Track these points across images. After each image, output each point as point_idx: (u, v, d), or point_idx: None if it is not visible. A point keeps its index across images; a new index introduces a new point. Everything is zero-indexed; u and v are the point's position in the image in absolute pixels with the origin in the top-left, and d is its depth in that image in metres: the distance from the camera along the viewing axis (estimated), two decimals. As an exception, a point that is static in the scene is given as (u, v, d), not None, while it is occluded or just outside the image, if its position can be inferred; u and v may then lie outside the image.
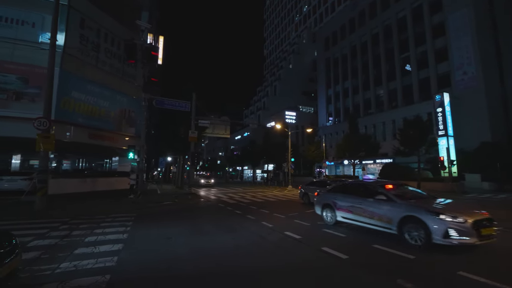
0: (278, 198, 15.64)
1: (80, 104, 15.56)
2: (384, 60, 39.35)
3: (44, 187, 9.43)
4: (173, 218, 8.76)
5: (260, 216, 9.08)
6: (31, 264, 4.03)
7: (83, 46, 15.88)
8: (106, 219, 8.10)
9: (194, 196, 15.57)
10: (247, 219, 8.58)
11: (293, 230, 6.63)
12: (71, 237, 5.77)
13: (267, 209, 10.81)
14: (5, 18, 14.28)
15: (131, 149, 11.98)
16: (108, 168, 26.66)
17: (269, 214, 9.45)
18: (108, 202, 12.12)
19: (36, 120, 9.30)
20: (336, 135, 45.93)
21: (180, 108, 14.48)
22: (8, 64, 13.58)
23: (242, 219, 8.52)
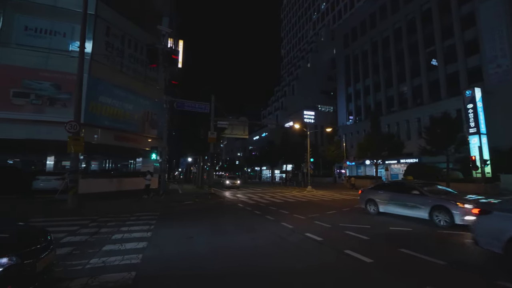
0: (298, 199, 15.46)
1: (107, 107, 16.38)
2: (407, 55, 37.65)
3: (75, 187, 10.01)
4: (194, 217, 8.95)
5: (279, 216, 9.02)
6: (65, 259, 4.29)
7: (108, 52, 16.70)
8: (131, 217, 8.44)
9: (214, 196, 15.80)
10: (266, 219, 8.56)
11: (313, 232, 6.51)
12: (100, 234, 6.07)
13: (286, 210, 10.72)
14: (39, 29, 15.38)
15: (153, 150, 12.44)
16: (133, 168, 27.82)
17: (289, 215, 9.36)
18: (133, 201, 12.63)
19: (67, 123, 9.91)
20: (357, 134, 44.61)
21: (200, 110, 14.79)
22: (43, 72, 14.61)
23: (261, 220, 8.51)
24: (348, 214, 9.92)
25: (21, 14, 15.27)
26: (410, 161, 33.50)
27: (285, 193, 20.01)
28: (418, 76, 35.93)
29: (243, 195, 18.51)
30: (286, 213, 9.89)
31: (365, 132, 43.22)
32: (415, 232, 6.78)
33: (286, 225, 7.50)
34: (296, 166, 48.50)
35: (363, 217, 8.99)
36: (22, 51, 14.57)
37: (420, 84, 35.74)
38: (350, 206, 11.93)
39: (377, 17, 43.62)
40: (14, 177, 13.96)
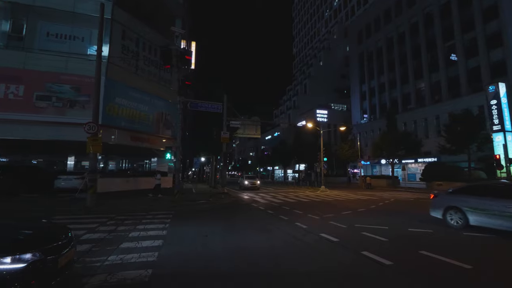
0: (311, 199, 15.27)
1: (123, 109, 16.82)
2: (425, 50, 36.36)
3: (94, 186, 10.34)
4: (208, 216, 9.02)
5: (293, 216, 8.93)
6: (84, 255, 4.42)
7: (124, 55, 17.15)
8: (147, 216, 8.62)
9: (227, 196, 15.89)
10: (280, 219, 8.49)
11: (329, 232, 6.38)
12: (117, 232, 6.23)
13: (300, 209, 10.60)
14: (60, 35, 16.01)
15: (168, 150, 12.68)
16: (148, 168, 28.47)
17: (303, 215, 9.24)
18: (148, 200, 12.90)
19: (86, 124, 10.25)
20: (372, 133, 43.58)
21: (213, 110, 14.91)
22: (64, 76, 15.19)
23: (275, 219, 8.45)
24: (364, 214, 9.67)
25: (43, 21, 15.96)
26: (428, 161, 32.35)
27: (298, 193, 19.83)
28: (436, 72, 34.63)
29: (256, 194, 18.50)
30: (300, 213, 9.78)
31: (380, 131, 42.14)
32: (435, 233, 6.50)
33: (300, 225, 7.40)
34: (309, 165, 48.00)
35: (381, 218, 8.74)
36: (44, 56, 15.22)
37: (438, 80, 34.44)
38: (366, 207, 11.63)
39: (392, 12, 42.43)
40: (37, 176, 14.62)
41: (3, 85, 14.19)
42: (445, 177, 23.33)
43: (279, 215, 9.23)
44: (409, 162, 34.14)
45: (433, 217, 7.67)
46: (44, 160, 25.26)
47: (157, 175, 15.35)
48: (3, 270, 2.46)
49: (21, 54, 14.85)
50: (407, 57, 39.28)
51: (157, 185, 14.93)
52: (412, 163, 34.78)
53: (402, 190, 23.04)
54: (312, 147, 43.18)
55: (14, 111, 14.18)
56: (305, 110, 64.06)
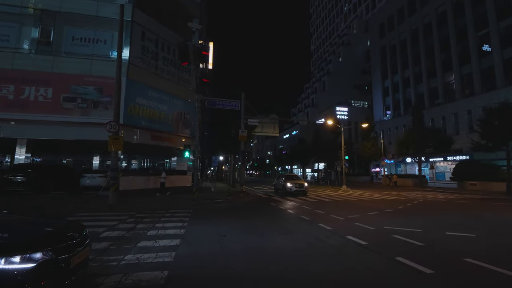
0: (333, 199, 14.66)
1: (143, 109, 17.16)
2: (454, 41, 34.01)
3: (116, 184, 10.51)
4: (226, 215, 8.81)
5: (316, 217, 8.49)
6: (101, 254, 4.33)
7: (144, 56, 17.49)
8: (165, 214, 8.58)
9: (245, 195, 15.67)
10: (301, 219, 8.10)
11: (356, 234, 5.91)
12: (136, 230, 6.17)
13: (322, 209, 10.11)
14: (84, 38, 16.63)
15: (186, 149, 12.71)
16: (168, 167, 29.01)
17: (326, 216, 8.77)
18: (168, 198, 12.99)
19: (107, 123, 10.44)
20: (396, 130, 41.58)
21: (231, 107, 14.75)
22: (88, 78, 15.75)
23: (296, 219, 8.07)
24: (392, 216, 9.01)
25: (69, 26, 16.66)
26: (458, 159, 30.24)
27: (319, 192, 19.21)
28: (467, 64, 32.26)
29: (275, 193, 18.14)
30: (322, 213, 9.31)
31: (405, 128, 40.12)
32: (479, 238, 5.81)
33: (324, 226, 6.97)
34: (329, 164, 46.78)
35: (412, 220, 8.08)
36: (70, 59, 15.89)
37: (470, 73, 32.08)
38: (393, 208, 10.90)
39: (417, 2, 40.17)
40: (65, 175, 15.29)
41: (34, 88, 14.95)
42: (479, 176, 21.59)
43: (300, 215, 8.83)
44: (437, 161, 32.14)
45: (472, 219, 6.92)
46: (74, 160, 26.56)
47: (162, 173, 15.57)
48: (13, 270, 2.33)
49: (49, 58, 15.57)
50: (434, 49, 37.00)
51: (162, 184, 15.13)
52: (440, 162, 32.74)
53: (431, 190, 21.61)
54: (331, 146, 42.01)
55: (44, 112, 14.90)
56: (324, 107, 62.63)
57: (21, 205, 9.88)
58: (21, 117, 14.67)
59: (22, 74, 14.91)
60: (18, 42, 15.83)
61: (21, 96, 14.77)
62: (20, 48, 15.75)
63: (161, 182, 15.15)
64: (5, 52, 15.21)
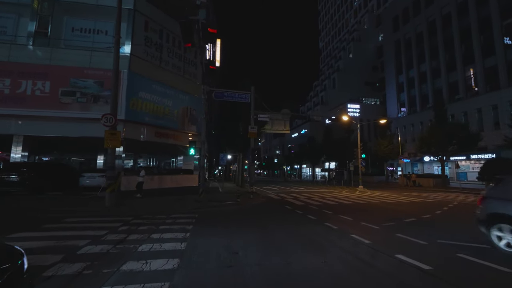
0: (353, 201, 13.20)
1: (147, 103, 16.06)
2: (476, 32, 31.86)
3: (113, 184, 9.40)
4: (237, 222, 7.53)
5: (343, 224, 7.11)
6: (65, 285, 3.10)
7: (147, 47, 16.38)
8: (166, 220, 7.36)
9: (256, 196, 14.39)
10: (327, 228, 6.73)
11: (406, 252, 4.53)
12: (125, 243, 4.95)
13: (347, 215, 8.71)
14: (84, 29, 15.61)
15: (192, 145, 11.42)
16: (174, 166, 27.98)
17: (355, 223, 7.38)
18: (173, 199, 11.83)
19: (103, 116, 9.33)
20: (412, 127, 39.57)
21: (240, 100, 13.47)
22: (87, 70, 14.73)
23: (321, 228, 6.71)
24: (435, 223, 7.55)
25: (68, 17, 15.69)
26: (483, 157, 28.16)
27: (335, 194, 17.74)
28: (492, 55, 30.10)
29: (288, 194, 16.80)
30: (349, 219, 7.91)
31: (422, 125, 38.10)
32: None
33: (359, 238, 5.60)
34: (340, 163, 45.00)
35: (467, 230, 6.61)
36: (69, 51, 14.91)
37: (495, 65, 29.89)
38: (430, 212, 9.39)
39: (435, -9, 38.06)
40: (64, 174, 14.32)
41: (31, 81, 14.02)
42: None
43: (324, 222, 7.46)
44: (458, 159, 30.08)
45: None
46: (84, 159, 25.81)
47: (140, 172, 13.39)
48: None
49: (47, 50, 14.64)
50: (454, 42, 34.84)
51: (139, 183, 12.92)
52: (462, 160, 30.65)
53: (457, 191, 19.84)
54: (343, 144, 40.27)
55: (41, 107, 13.95)
56: (333, 105, 60.76)
57: (7, 207, 8.86)
58: (17, 113, 13.77)
59: (18, 67, 14.01)
60: (16, 33, 14.94)
61: (17, 90, 13.86)
62: (17, 40, 14.85)
63: (139, 181, 12.92)
64: (2, 44, 14.35)
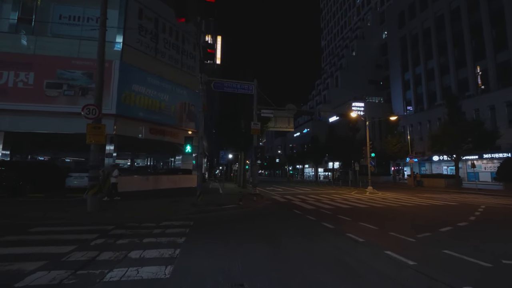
0: (368, 204, 11.91)
1: (141, 97, 14.82)
2: (487, 26, 30.58)
3: (96, 185, 8.16)
4: (240, 233, 6.25)
5: (369, 236, 5.84)
6: None
7: (141, 37, 15.15)
8: (155, 229, 6.10)
9: (260, 198, 13.13)
10: (352, 241, 5.45)
11: (476, 283, 3.25)
12: (92, 267, 3.68)
13: (368, 222, 7.43)
14: (72, 17, 14.39)
15: (188, 141, 10.11)
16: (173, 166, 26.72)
17: (382, 234, 6.11)
18: (167, 202, 10.58)
19: (84, 107, 8.08)
20: (419, 126, 38.23)
21: (242, 91, 12.21)
22: (75, 61, 13.50)
23: (344, 241, 5.43)
24: (479, 233, 6.27)
25: (55, 3, 14.47)
26: (497, 156, 26.86)
27: (344, 195, 16.46)
28: (504, 50, 28.80)
29: (293, 196, 15.54)
30: (373, 228, 6.64)
31: (430, 123, 36.79)
32: None
33: (398, 257, 4.32)
34: (344, 163, 43.64)
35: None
36: (56, 40, 13.70)
37: (507, 60, 28.62)
38: (463, 218, 8.10)
39: (443, -15, 36.75)
40: (49, 174, 13.09)
41: (12, 72, 12.80)
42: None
43: (346, 232, 6.18)
44: (469, 159, 28.73)
45: None
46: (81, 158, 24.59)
47: (114, 171, 11.28)
48: None
49: (31, 38, 13.42)
50: (463, 37, 33.54)
51: (113, 185, 11.07)
52: (474, 160, 29.28)
53: (473, 192, 18.52)
54: (348, 143, 38.91)
55: (24, 101, 12.73)
56: (337, 104, 59.39)
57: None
58: (-2, 107, 12.55)
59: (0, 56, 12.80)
60: (-2, 20, 13.73)
61: (-2, 82, 12.66)
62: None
63: (112, 182, 10.99)
64: (-18, 32, 13.16)
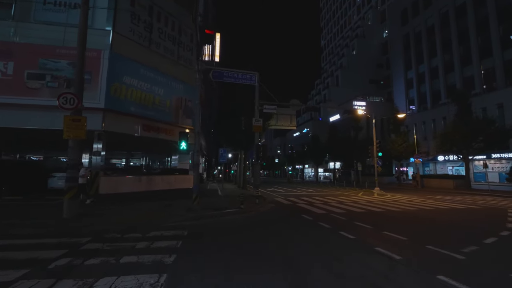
0: (382, 207, 10.81)
1: (133, 90, 13.64)
2: (495, 23, 29.70)
3: (74, 187, 7.01)
4: (245, 249, 5.03)
5: (403, 250, 4.73)
6: None
7: (134, 25, 13.97)
8: (139, 242, 4.95)
9: (263, 200, 12.01)
10: (386, 259, 4.33)
11: None
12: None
13: (393, 230, 6.32)
14: (58, 2, 13.18)
15: (183, 137, 8.92)
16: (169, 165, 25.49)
17: (417, 247, 5.01)
18: (160, 206, 9.42)
19: (60, 96, 6.91)
20: (423, 125, 37.27)
21: (244, 82, 11.07)
22: (60, 49, 12.29)
23: (378, 260, 4.30)
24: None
25: (40, -12, 13.26)
26: (506, 156, 25.91)
27: (351, 197, 15.37)
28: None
29: (297, 198, 14.43)
30: (403, 239, 5.53)
31: (434, 122, 35.87)
32: None
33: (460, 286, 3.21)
34: (346, 163, 42.63)
35: None
36: (39, 26, 12.49)
37: (516, 57, 27.68)
38: (498, 225, 7.01)
39: (449, -20, 35.85)
40: (29, 174, 11.85)
41: (-10, 61, 11.58)
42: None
43: (373, 245, 5.06)
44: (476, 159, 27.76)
45: None
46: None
47: (80, 170, 9.37)
48: None
49: (11, 24, 12.19)
50: (469, 34, 32.64)
51: (81, 186, 9.28)
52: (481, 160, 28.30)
53: (487, 194, 17.53)
54: (350, 143, 37.92)
55: (2, 93, 11.51)
56: (337, 103, 58.44)
57: None
58: (-27, 99, 11.33)
59: (-24, 44, 11.59)
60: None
61: (-27, 72, 11.44)
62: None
63: (80, 183, 8.99)
64: (-43, 17, 11.94)
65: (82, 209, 8.33)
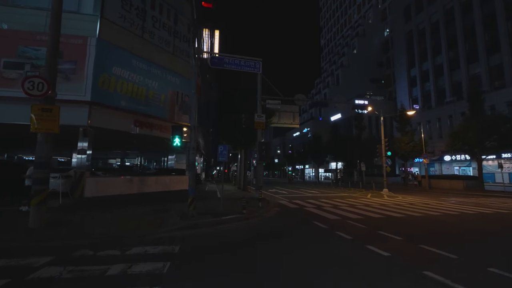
0: (401, 212, 9.66)
1: (123, 82, 12.42)
2: (502, 19, 28.83)
3: (43, 192, 5.79)
4: (248, 265, 3.89)
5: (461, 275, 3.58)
6: None
7: (125, 11, 12.76)
8: (114, 265, 3.76)
9: (266, 204, 10.85)
10: None
11: None
12: None
13: (429, 243, 5.18)
14: (41, -15, 11.93)
15: (176, 132, 7.68)
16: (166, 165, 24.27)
17: (473, 267, 3.87)
18: (151, 211, 8.22)
19: (25, 80, 5.69)
20: (428, 124, 36.26)
21: (247, 69, 9.88)
22: (41, 35, 11.05)
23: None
24: None
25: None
26: (516, 156, 24.88)
27: (361, 199, 14.22)
28: (523, 43, 26.91)
29: (303, 201, 13.26)
30: (452, 257, 4.38)
31: (440, 121, 34.91)
32: None
33: None
34: (348, 164, 41.59)
35: None
36: (18, 10, 11.29)
37: (525, 53, 26.71)
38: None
39: (454, -25, 34.90)
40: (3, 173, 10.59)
41: (-40, 48, 10.34)
42: None
43: (419, 268, 3.89)
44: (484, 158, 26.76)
45: None
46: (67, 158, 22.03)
47: (28, 169, 8.41)
48: None
49: (-13, 7, 10.95)
50: (475, 30, 31.70)
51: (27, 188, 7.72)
52: (489, 160, 27.30)
53: (505, 196, 16.47)
54: (353, 142, 36.84)
55: (-25, 84, 10.28)
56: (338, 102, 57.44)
57: None
58: None
59: None
60: None
61: None
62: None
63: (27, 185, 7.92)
64: None
65: (62, 213, 7.13)
